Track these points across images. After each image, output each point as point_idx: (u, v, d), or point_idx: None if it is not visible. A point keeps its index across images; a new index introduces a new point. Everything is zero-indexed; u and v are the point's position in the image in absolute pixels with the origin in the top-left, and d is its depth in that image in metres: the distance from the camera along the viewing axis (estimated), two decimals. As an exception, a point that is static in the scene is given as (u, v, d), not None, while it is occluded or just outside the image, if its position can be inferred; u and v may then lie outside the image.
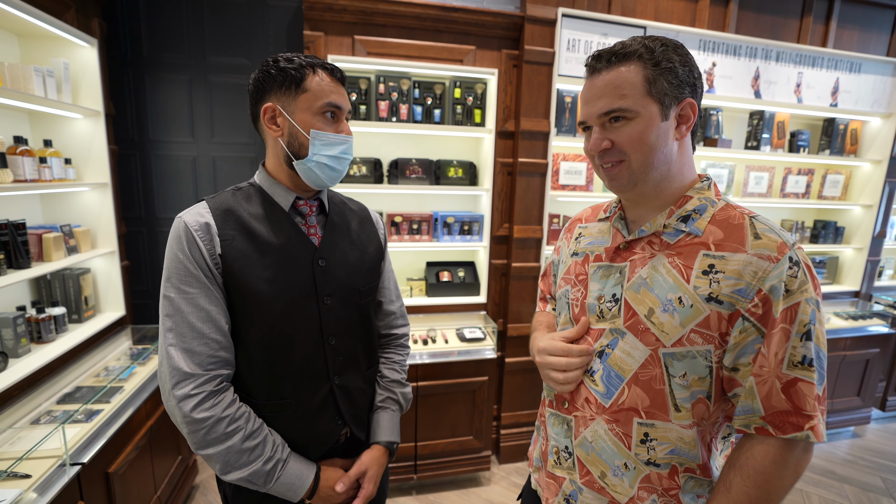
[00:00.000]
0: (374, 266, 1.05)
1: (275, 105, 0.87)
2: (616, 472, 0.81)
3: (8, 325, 1.62)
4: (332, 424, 0.97)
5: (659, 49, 0.73)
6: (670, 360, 0.74)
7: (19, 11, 1.56)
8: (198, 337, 0.82)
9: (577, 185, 2.51)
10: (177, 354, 0.81)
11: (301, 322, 0.90)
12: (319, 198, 0.99)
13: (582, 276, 0.89)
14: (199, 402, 0.80)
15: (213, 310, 0.84)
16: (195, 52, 2.29)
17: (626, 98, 0.73)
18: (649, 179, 0.77)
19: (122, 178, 2.30)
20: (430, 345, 2.32)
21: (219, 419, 0.81)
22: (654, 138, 0.74)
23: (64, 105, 1.78)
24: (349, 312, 0.98)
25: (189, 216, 0.85)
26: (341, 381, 0.97)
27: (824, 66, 2.67)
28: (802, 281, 0.69)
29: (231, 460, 0.82)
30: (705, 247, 0.74)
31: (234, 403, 0.84)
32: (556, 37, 2.24)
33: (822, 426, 0.69)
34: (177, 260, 0.83)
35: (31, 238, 1.74)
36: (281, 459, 0.87)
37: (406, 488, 2.36)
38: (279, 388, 0.90)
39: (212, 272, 0.84)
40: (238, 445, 0.82)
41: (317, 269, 0.92)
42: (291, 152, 0.89)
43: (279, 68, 0.85)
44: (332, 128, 0.90)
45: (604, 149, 0.77)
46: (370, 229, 1.08)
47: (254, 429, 0.85)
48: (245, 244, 0.87)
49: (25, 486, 1.23)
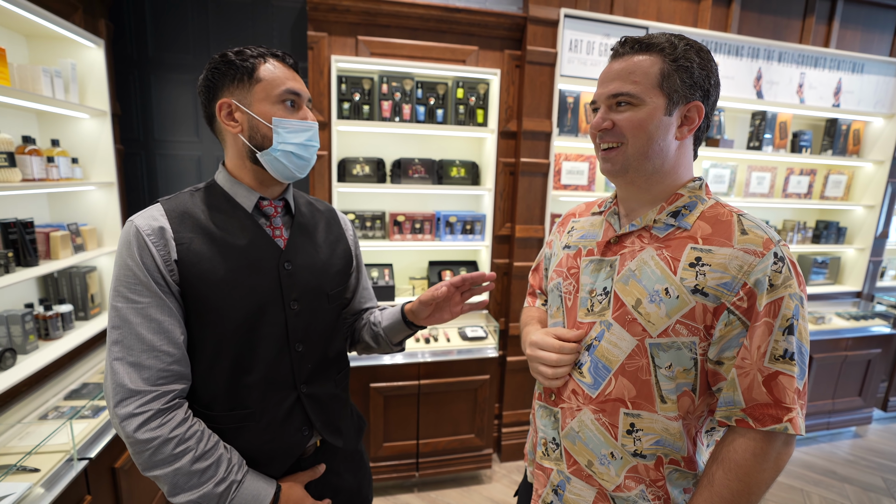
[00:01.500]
0: (342, 269, 1.00)
1: (230, 100, 0.83)
2: (602, 460, 0.82)
3: (16, 322, 1.64)
4: (299, 435, 0.91)
5: (682, 47, 0.75)
6: (656, 350, 0.76)
7: (28, 13, 1.58)
8: (147, 350, 0.76)
9: (580, 184, 2.52)
10: (122, 369, 0.75)
11: (265, 329, 0.85)
12: (285, 198, 0.94)
13: (574, 270, 0.90)
14: (143, 421, 0.74)
15: (166, 320, 0.78)
16: (200, 53, 2.31)
17: (636, 84, 0.75)
18: (642, 169, 0.79)
19: (127, 177, 2.33)
20: (432, 343, 2.34)
21: (166, 440, 0.74)
22: (653, 129, 0.76)
23: (71, 105, 1.80)
24: (317, 317, 0.93)
25: (141, 219, 0.80)
26: (309, 389, 0.92)
27: (827, 67, 2.67)
28: (787, 276, 0.70)
29: (179, 482, 0.75)
30: (693, 240, 0.76)
31: (186, 423, 0.78)
32: (559, 37, 2.25)
33: (800, 419, 0.70)
34: (125, 267, 0.77)
35: (38, 236, 1.77)
36: (235, 481, 0.80)
37: (408, 486, 2.38)
38: (241, 399, 0.85)
39: (165, 280, 0.79)
40: (187, 467, 0.75)
41: (282, 272, 0.87)
42: (254, 145, 0.84)
43: (227, 61, 0.82)
44: (294, 115, 0.85)
45: (604, 128, 0.79)
46: (337, 230, 1.03)
47: (205, 449, 0.78)
48: (204, 247, 0.81)
49: (34, 479, 1.25)
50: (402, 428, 2.26)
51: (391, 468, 2.28)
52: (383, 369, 2.17)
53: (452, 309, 1.00)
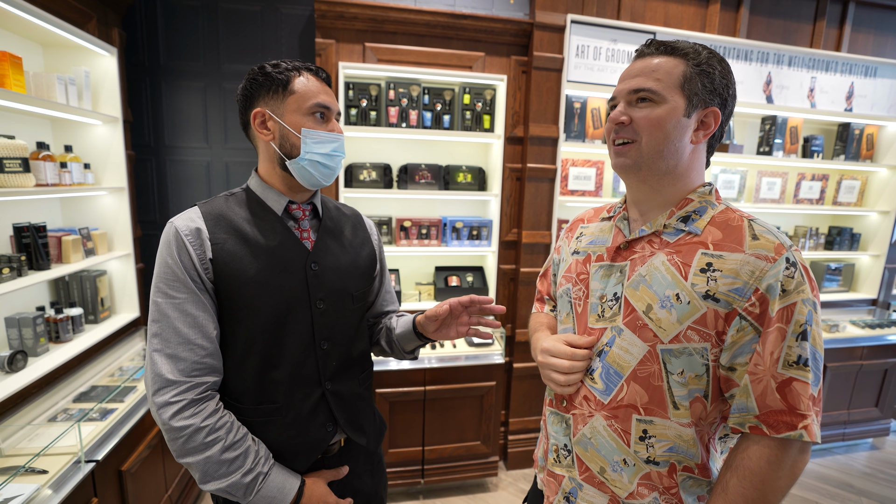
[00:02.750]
0: (366, 271, 1.04)
1: (264, 110, 0.88)
2: (615, 467, 0.81)
3: (28, 325, 1.67)
4: (323, 431, 0.94)
5: (705, 54, 0.77)
6: (668, 356, 0.75)
7: (45, 22, 1.62)
8: (183, 343, 0.81)
9: (587, 190, 2.51)
10: (160, 360, 0.80)
11: (292, 326, 0.90)
12: (313, 202, 0.99)
13: (583, 276, 0.89)
14: (178, 409, 0.79)
15: (201, 315, 0.83)
16: (210, 61, 2.35)
17: (658, 82, 0.76)
18: (655, 167, 0.78)
19: (138, 182, 2.36)
20: (438, 349, 2.33)
21: (198, 429, 0.79)
22: (671, 128, 0.76)
23: (84, 112, 1.84)
24: (342, 317, 0.97)
25: (180, 221, 0.85)
26: (333, 386, 0.96)
27: (838, 71, 2.64)
28: (799, 282, 0.69)
29: (210, 470, 0.80)
30: (704, 246, 0.75)
31: (217, 413, 0.83)
32: (565, 43, 2.25)
33: (815, 426, 0.69)
34: (165, 265, 0.83)
35: (50, 240, 1.79)
36: (262, 472, 0.84)
37: (413, 493, 2.36)
38: (269, 394, 0.89)
39: (201, 278, 0.84)
40: (217, 456, 0.80)
41: (309, 273, 0.92)
42: (284, 153, 0.89)
43: (265, 73, 0.87)
44: (322, 127, 0.90)
45: (621, 122, 0.79)
46: (363, 234, 1.07)
47: (235, 440, 0.82)
48: (237, 247, 0.86)
49: (42, 481, 1.26)
50: (408, 434, 2.25)
51: (396, 475, 2.26)
52: (389, 375, 2.17)
53: (459, 328, 1.01)
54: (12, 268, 1.56)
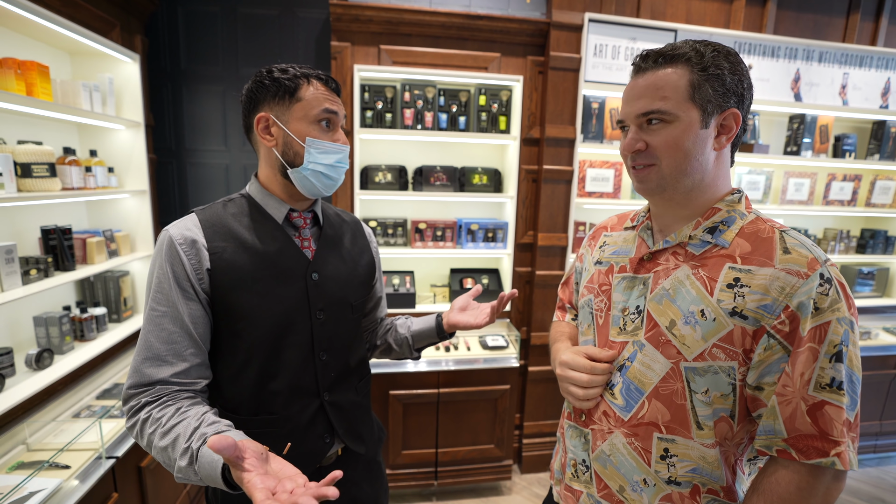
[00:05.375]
0: (366, 279, 1.03)
1: (268, 115, 0.85)
2: (635, 487, 0.78)
3: (54, 324, 1.73)
4: (321, 442, 0.92)
5: (709, 54, 0.71)
6: (692, 374, 0.72)
7: (72, 32, 1.68)
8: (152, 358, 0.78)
9: (605, 192, 2.46)
10: (131, 369, 0.79)
11: (292, 337, 0.88)
12: (313, 209, 0.96)
13: (605, 287, 0.87)
14: (132, 413, 0.77)
15: (176, 332, 0.80)
16: (229, 65, 2.39)
17: (666, 100, 0.71)
18: (679, 186, 0.74)
19: (159, 185, 2.42)
20: (453, 351, 2.32)
21: (143, 420, 0.75)
22: (691, 144, 0.71)
23: (108, 117, 1.89)
24: (341, 327, 0.95)
25: (175, 229, 0.83)
26: (332, 397, 0.94)
27: (873, 66, 2.52)
28: (834, 299, 0.65)
29: (166, 463, 0.74)
30: (731, 259, 0.72)
31: (161, 405, 0.76)
32: (583, 42, 2.21)
33: (850, 453, 0.65)
34: (153, 275, 0.82)
35: (76, 242, 1.85)
36: (193, 450, 0.70)
37: (426, 494, 2.36)
38: (266, 405, 0.87)
39: (193, 288, 0.81)
40: (159, 445, 0.73)
41: (310, 282, 0.90)
42: (286, 161, 0.87)
43: (273, 78, 0.84)
44: (327, 136, 0.88)
45: (637, 150, 0.75)
46: (362, 242, 1.06)
47: (170, 425, 0.73)
48: (236, 256, 0.84)
49: (65, 476, 1.31)
50: (421, 436, 2.25)
51: (409, 476, 2.27)
52: (403, 377, 2.17)
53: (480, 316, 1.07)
54: (40, 269, 1.62)
